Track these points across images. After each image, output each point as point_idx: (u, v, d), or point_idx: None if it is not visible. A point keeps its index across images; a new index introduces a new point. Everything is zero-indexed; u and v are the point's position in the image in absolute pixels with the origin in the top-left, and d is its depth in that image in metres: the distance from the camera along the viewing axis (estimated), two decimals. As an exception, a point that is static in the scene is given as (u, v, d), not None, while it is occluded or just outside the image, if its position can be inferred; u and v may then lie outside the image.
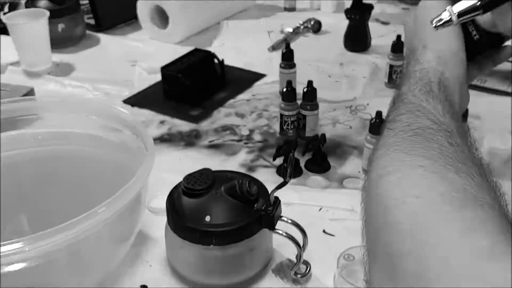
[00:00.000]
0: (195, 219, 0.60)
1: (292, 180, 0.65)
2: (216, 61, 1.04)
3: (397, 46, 0.99)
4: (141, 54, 1.18)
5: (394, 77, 1.03)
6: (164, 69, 0.99)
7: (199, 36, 1.25)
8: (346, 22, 1.21)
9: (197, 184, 0.61)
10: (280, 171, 0.80)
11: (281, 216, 0.62)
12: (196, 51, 1.05)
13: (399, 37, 0.99)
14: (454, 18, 0.45)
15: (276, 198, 0.62)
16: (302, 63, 1.01)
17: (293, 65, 0.99)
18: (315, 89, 0.85)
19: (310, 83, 0.85)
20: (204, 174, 0.63)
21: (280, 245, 0.65)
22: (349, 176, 0.80)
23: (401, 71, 1.04)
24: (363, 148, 0.81)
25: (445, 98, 0.50)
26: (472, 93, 0.62)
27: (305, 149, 0.81)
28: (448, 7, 0.46)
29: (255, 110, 0.99)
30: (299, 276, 0.63)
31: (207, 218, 0.59)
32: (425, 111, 0.48)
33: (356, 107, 0.97)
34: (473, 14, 0.45)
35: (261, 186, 0.63)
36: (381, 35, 1.21)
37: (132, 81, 1.08)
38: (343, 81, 1.07)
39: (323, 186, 0.79)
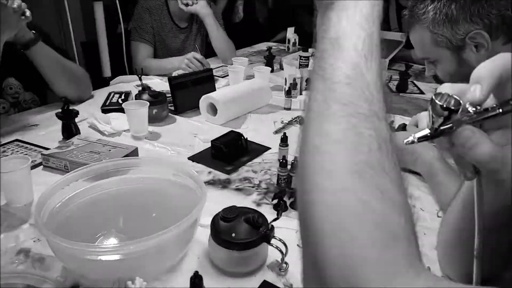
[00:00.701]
0: (226, 234, 0.65)
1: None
2: (242, 138, 1.07)
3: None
4: (199, 130, 1.21)
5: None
6: (213, 141, 1.04)
7: (234, 122, 1.28)
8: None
9: (229, 214, 0.67)
10: (276, 207, 0.80)
11: (274, 236, 0.67)
12: (231, 132, 1.09)
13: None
14: (416, 140, 0.33)
15: (272, 226, 0.67)
16: (292, 143, 1.03)
17: (286, 145, 1.02)
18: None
19: (296, 158, 0.90)
20: (233, 208, 0.69)
21: (273, 252, 0.68)
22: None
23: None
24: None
25: None
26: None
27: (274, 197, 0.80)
28: (413, 135, 0.34)
29: (263, 169, 1.01)
30: (281, 270, 0.67)
31: (233, 235, 0.65)
32: None
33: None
34: (425, 139, 0.33)
35: (264, 218, 0.68)
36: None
37: (193, 146, 1.11)
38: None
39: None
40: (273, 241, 0.67)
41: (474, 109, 0.33)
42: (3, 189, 0.80)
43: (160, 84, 1.60)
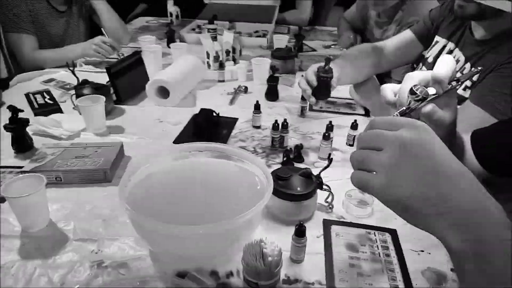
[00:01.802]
0: (290, 189, 0.76)
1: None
2: (214, 113, 1.11)
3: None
4: (159, 114, 1.19)
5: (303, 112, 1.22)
6: (195, 120, 1.08)
7: (185, 101, 1.29)
8: (257, 87, 1.40)
9: (283, 174, 0.78)
10: (329, 160, 0.93)
11: (323, 183, 0.80)
12: (202, 110, 1.11)
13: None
14: (399, 115, 0.56)
15: (319, 176, 0.80)
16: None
17: (260, 112, 1.13)
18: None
19: (281, 121, 1.04)
20: (283, 169, 0.80)
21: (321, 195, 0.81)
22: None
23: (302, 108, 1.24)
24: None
25: None
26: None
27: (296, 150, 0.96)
28: (396, 112, 0.57)
29: (247, 137, 1.09)
30: (330, 208, 0.82)
31: (298, 188, 0.77)
32: None
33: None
34: (403, 114, 0.56)
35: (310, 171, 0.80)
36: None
37: (166, 131, 1.11)
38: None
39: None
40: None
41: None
42: (18, 216, 0.71)
43: (67, 76, 1.44)
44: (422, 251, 0.74)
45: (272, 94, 1.34)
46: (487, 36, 1.02)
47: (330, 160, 0.79)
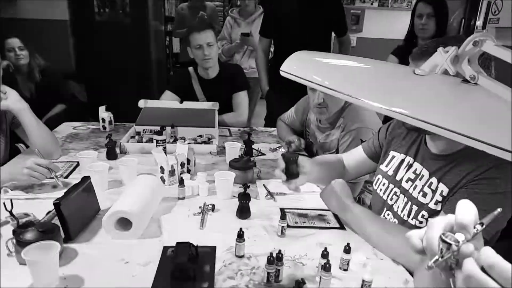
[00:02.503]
0: None
1: None
2: (191, 246, 0.96)
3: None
4: (123, 253, 1.01)
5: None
6: (177, 263, 0.91)
7: (148, 231, 1.13)
8: (222, 203, 1.32)
9: None
10: None
11: None
12: (179, 244, 0.96)
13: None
14: (434, 266, 0.55)
15: None
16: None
17: (243, 239, 1.02)
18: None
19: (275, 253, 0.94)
20: None
21: None
22: None
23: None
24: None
25: None
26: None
27: None
28: (429, 263, 0.55)
29: (235, 271, 0.96)
30: None
31: None
32: None
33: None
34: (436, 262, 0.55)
35: None
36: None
37: (136, 276, 0.93)
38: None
39: None
40: None
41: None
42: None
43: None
44: None
45: (245, 212, 1.25)
46: (447, 151, 1.07)
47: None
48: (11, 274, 0.87)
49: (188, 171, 1.55)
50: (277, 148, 2.04)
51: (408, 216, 1.11)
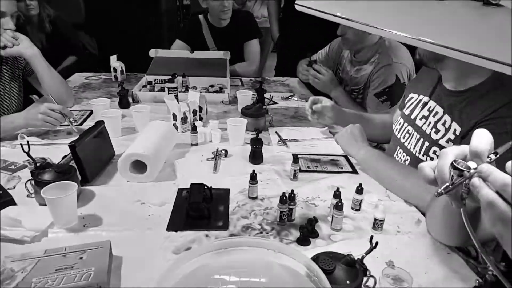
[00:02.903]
0: (337, 282, 0.67)
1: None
2: (205, 187, 0.99)
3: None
4: (139, 194, 1.04)
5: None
6: (191, 202, 0.94)
7: (163, 174, 1.15)
8: (235, 149, 1.32)
9: (326, 266, 0.69)
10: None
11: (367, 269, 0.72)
12: (193, 185, 0.99)
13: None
14: (444, 192, 0.55)
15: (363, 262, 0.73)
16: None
17: (256, 181, 1.04)
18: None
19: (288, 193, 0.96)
20: (323, 258, 0.70)
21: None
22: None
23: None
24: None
25: None
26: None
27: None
28: (439, 189, 0.55)
29: (249, 211, 0.98)
30: None
31: (348, 282, 0.68)
32: None
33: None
34: (448, 191, 0.54)
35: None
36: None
37: (152, 216, 0.95)
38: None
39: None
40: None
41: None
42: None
43: (9, 153, 1.23)
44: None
45: (257, 157, 1.25)
46: (460, 87, 1.04)
47: (375, 244, 0.71)
48: (32, 215, 0.90)
49: (201, 119, 1.54)
50: (290, 97, 2.01)
51: (419, 152, 1.10)
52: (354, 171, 1.23)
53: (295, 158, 1.15)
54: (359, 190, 1.00)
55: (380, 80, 1.72)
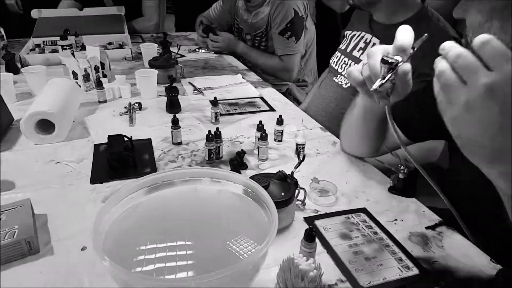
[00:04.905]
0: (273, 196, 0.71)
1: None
2: (125, 138, 0.95)
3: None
4: (52, 154, 0.96)
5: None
6: (113, 153, 0.90)
7: (74, 133, 1.08)
8: (149, 101, 1.28)
9: (262, 182, 0.72)
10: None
11: (297, 182, 0.78)
12: (111, 137, 0.95)
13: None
14: (378, 88, 0.61)
15: (293, 176, 0.79)
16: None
17: (179, 127, 1.02)
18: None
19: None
20: (258, 177, 0.74)
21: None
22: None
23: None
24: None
25: None
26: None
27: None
28: (375, 84, 0.61)
29: (176, 155, 0.98)
30: (304, 205, 0.82)
31: (282, 193, 0.73)
32: None
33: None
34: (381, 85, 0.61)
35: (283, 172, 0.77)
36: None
37: (71, 173, 0.89)
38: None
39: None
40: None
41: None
42: None
43: None
44: (396, 219, 0.80)
45: (175, 106, 1.24)
46: (391, 21, 1.17)
47: (303, 156, 0.77)
48: None
49: (104, 76, 1.45)
50: (197, 50, 1.99)
51: None
52: (271, 109, 1.29)
53: (215, 102, 1.16)
54: (279, 121, 1.06)
55: (280, 17, 1.77)
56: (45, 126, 1.01)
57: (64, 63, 1.36)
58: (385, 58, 0.60)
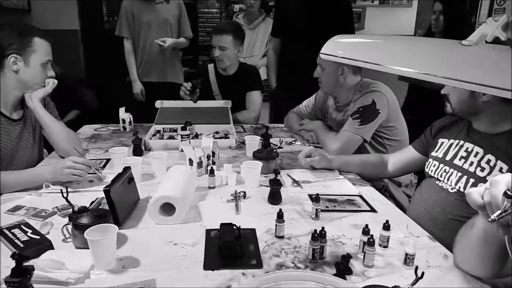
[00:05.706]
0: None
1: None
2: (235, 227, 1.02)
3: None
4: (170, 236, 1.07)
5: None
6: (224, 241, 0.97)
7: (189, 215, 1.18)
8: (251, 191, 1.37)
9: None
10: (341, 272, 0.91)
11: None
12: (223, 225, 1.02)
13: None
14: (496, 219, 0.62)
15: None
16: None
17: (283, 220, 1.07)
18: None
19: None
20: None
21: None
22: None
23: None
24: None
25: None
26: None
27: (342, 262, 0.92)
28: (493, 216, 0.63)
29: (279, 250, 1.01)
30: None
31: None
32: None
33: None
34: (501, 217, 0.62)
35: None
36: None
37: (187, 256, 0.98)
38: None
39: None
40: None
41: None
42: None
43: (36, 201, 1.26)
44: None
45: (277, 198, 1.31)
46: (494, 131, 1.19)
47: (422, 274, 0.74)
48: (73, 258, 0.91)
49: (213, 163, 1.60)
50: (293, 142, 2.10)
51: (465, 188, 1.19)
52: (373, 210, 1.29)
53: (317, 197, 1.20)
54: (386, 226, 1.05)
55: (358, 104, 1.82)
56: (166, 208, 1.14)
57: (182, 150, 1.53)
58: (509, 193, 0.60)
